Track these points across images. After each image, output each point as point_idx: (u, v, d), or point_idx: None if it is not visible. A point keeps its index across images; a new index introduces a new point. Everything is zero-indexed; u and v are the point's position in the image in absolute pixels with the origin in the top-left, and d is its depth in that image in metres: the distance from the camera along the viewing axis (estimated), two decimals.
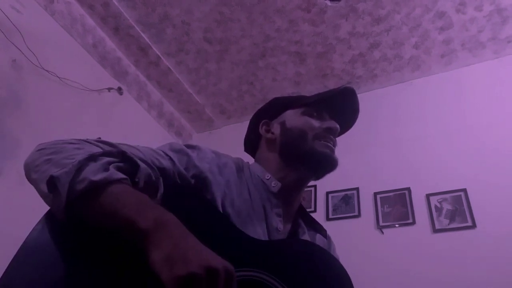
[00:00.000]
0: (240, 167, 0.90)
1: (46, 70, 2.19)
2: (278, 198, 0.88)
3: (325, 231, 0.98)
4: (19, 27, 2.07)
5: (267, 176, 0.90)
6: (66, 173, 0.58)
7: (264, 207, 0.85)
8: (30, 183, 0.66)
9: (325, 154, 0.89)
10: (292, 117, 0.94)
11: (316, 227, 0.97)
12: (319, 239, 0.96)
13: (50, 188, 0.59)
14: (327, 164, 0.90)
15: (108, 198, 0.59)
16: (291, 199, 0.92)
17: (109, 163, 0.63)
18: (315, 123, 0.92)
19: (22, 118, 2.02)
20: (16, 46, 2.04)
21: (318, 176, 0.93)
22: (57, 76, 2.24)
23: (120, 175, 0.62)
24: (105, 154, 0.65)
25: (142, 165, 0.67)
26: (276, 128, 0.95)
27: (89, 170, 0.60)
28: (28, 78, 2.11)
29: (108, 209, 0.58)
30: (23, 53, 2.07)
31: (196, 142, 3.52)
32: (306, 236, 0.91)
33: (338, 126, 0.92)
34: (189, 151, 0.82)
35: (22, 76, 2.08)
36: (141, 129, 2.91)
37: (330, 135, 0.91)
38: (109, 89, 2.65)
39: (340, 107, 0.96)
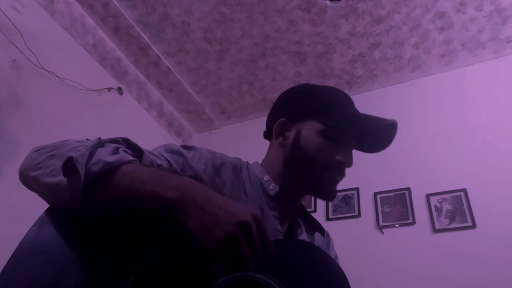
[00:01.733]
0: (237, 167, 0.88)
1: (46, 70, 2.19)
2: (275, 201, 0.86)
3: (324, 229, 0.97)
4: (19, 27, 2.07)
5: (266, 178, 0.88)
6: (81, 155, 0.59)
7: (262, 208, 0.84)
8: (27, 183, 0.66)
9: (328, 189, 0.85)
10: (310, 132, 0.85)
11: (315, 226, 0.95)
12: (318, 238, 0.96)
13: (66, 172, 0.59)
14: (326, 196, 0.88)
15: (125, 177, 0.61)
16: (289, 203, 0.90)
17: (117, 148, 0.66)
18: (330, 151, 0.84)
19: (22, 118, 2.02)
20: (16, 46, 2.04)
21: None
22: (57, 76, 2.24)
23: (131, 157, 0.65)
24: (111, 141, 0.68)
25: (146, 151, 0.71)
26: (290, 134, 0.88)
27: (101, 153, 0.62)
28: (28, 78, 2.11)
29: (127, 187, 0.61)
30: (23, 53, 2.07)
31: (196, 142, 3.52)
32: (303, 235, 0.90)
33: (351, 161, 0.87)
34: (185, 151, 0.81)
35: (22, 76, 2.08)
36: (141, 129, 2.91)
37: (341, 168, 0.86)
38: (109, 89, 2.65)
39: (372, 135, 0.90)
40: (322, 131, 0.84)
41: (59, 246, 0.60)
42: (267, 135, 0.96)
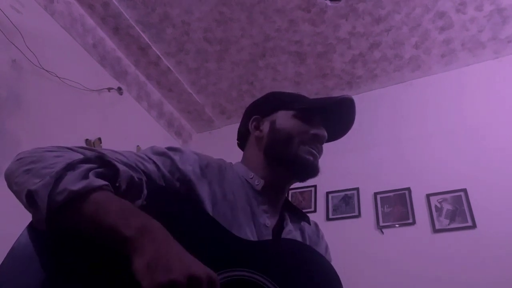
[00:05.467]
0: (222, 167, 0.90)
1: (46, 70, 2.18)
2: (263, 195, 0.90)
3: (308, 217, 1.00)
4: (19, 27, 2.07)
5: (251, 175, 0.91)
6: (44, 185, 0.58)
7: (250, 205, 0.86)
8: (13, 193, 0.66)
9: (307, 161, 0.89)
10: (283, 118, 0.94)
11: (299, 215, 0.98)
12: (307, 228, 0.98)
13: (29, 202, 0.58)
14: (308, 171, 0.91)
15: (89, 206, 0.58)
16: (276, 195, 0.93)
17: (88, 170, 0.62)
18: (304, 127, 0.92)
19: (22, 118, 2.02)
20: (16, 46, 2.04)
21: (300, 180, 0.95)
22: (57, 76, 2.24)
23: (100, 182, 0.61)
24: (83, 161, 0.64)
25: (122, 168, 0.67)
26: (265, 126, 0.96)
27: (68, 180, 0.59)
28: (28, 78, 2.11)
29: (90, 217, 0.58)
30: (23, 53, 2.07)
31: (196, 142, 3.52)
32: (290, 227, 0.92)
33: (325, 134, 0.93)
34: (171, 154, 0.82)
35: (22, 76, 2.08)
36: (141, 129, 2.91)
37: (317, 142, 0.92)
38: (109, 89, 2.65)
39: (336, 114, 0.96)
40: (294, 115, 0.94)
41: (49, 251, 0.60)
42: (241, 143, 1.03)
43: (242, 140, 1.03)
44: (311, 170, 0.91)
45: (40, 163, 0.63)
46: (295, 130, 0.91)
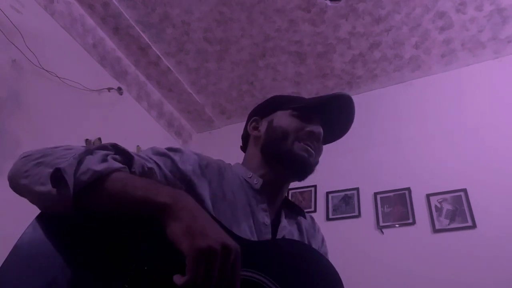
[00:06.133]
0: (221, 168, 0.91)
1: (46, 70, 2.19)
2: (262, 194, 0.91)
3: (304, 212, 1.00)
4: (19, 27, 2.07)
5: (249, 175, 0.92)
6: (69, 165, 0.60)
7: (249, 204, 0.87)
8: (18, 191, 0.66)
9: (300, 157, 0.90)
10: (280, 117, 0.96)
11: (296, 211, 0.99)
12: (304, 222, 0.99)
13: (54, 182, 0.59)
14: (302, 167, 0.91)
15: (115, 184, 0.62)
16: (274, 194, 0.94)
17: (106, 155, 0.67)
18: (300, 125, 0.92)
19: (22, 118, 2.02)
20: (16, 46, 2.04)
21: (297, 178, 0.95)
22: (57, 76, 2.24)
23: (120, 165, 0.66)
24: (100, 147, 0.68)
25: (136, 156, 0.71)
26: (263, 126, 0.98)
27: (90, 162, 0.63)
28: (28, 78, 2.11)
29: (117, 194, 0.62)
30: (23, 53, 2.07)
31: (196, 142, 3.52)
32: (284, 223, 0.93)
33: (321, 130, 0.93)
34: (171, 154, 0.82)
35: (22, 76, 2.08)
36: (141, 129, 2.91)
37: (312, 139, 0.92)
38: (109, 89, 2.65)
39: (334, 113, 0.96)
40: (291, 113, 0.95)
41: (53, 248, 0.60)
42: (243, 145, 1.05)
43: (244, 142, 1.05)
44: (304, 166, 0.91)
45: (50, 156, 0.65)
46: (291, 127, 0.92)
